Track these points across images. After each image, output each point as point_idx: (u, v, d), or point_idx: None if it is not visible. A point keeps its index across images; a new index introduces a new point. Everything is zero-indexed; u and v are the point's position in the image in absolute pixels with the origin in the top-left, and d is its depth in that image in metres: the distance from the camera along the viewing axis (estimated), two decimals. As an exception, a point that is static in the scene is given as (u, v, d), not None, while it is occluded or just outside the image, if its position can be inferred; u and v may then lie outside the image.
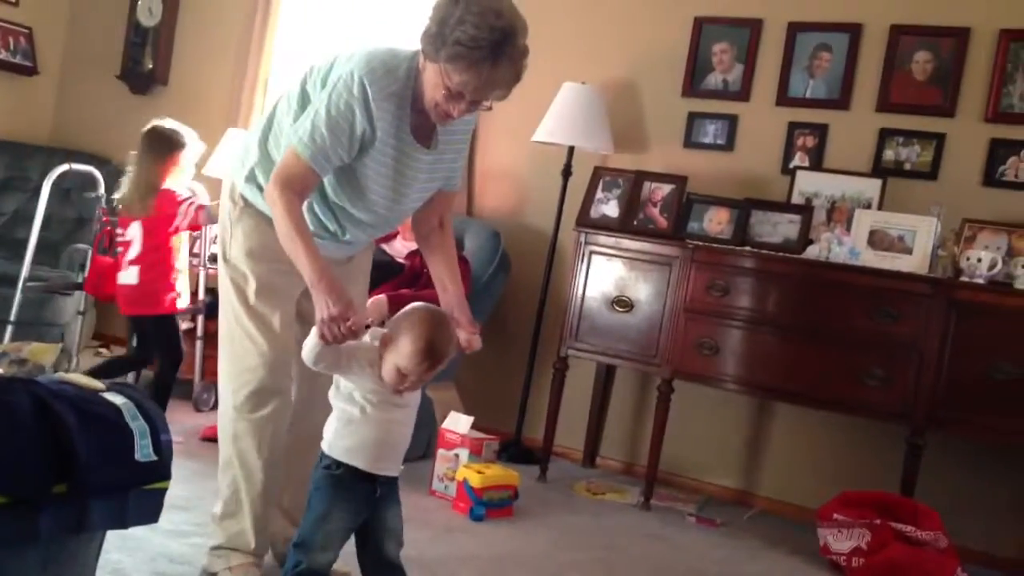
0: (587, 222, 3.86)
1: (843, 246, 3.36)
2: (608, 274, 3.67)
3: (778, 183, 3.85)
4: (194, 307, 3.97)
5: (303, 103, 2.14)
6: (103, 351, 5.00)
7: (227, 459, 2.30)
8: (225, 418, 2.31)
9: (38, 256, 4.11)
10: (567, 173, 4.06)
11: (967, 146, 3.59)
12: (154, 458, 1.60)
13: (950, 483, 3.43)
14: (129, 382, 3.36)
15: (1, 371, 1.81)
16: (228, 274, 2.29)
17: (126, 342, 4.12)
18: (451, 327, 2.01)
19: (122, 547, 2.36)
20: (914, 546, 3.00)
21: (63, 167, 4.10)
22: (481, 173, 4.45)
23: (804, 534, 3.36)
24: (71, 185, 4.73)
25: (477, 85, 1.99)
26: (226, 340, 2.31)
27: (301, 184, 2.06)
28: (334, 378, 2.00)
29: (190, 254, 3.87)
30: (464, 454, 3.31)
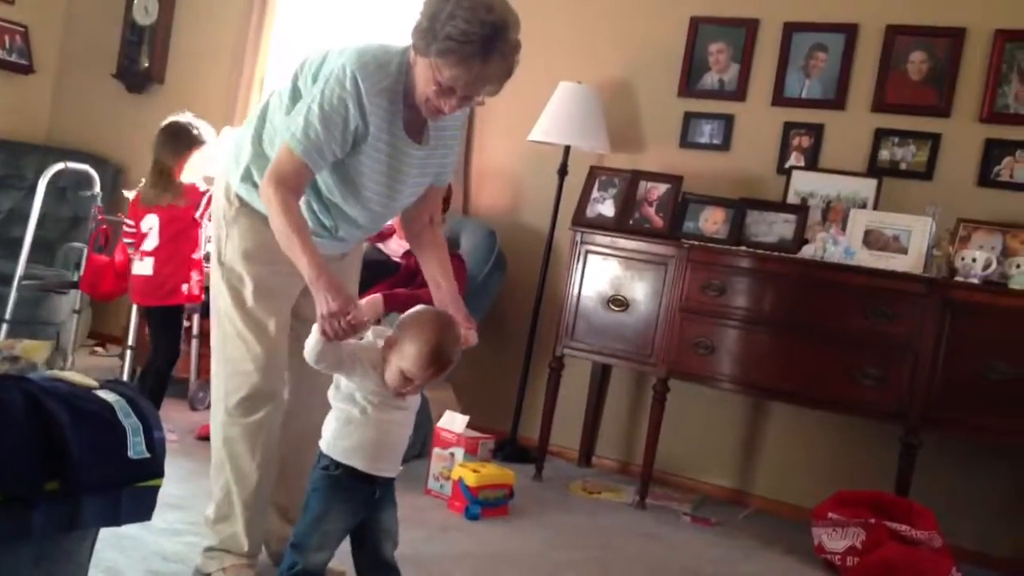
0: (583, 221, 3.87)
1: (838, 246, 3.37)
2: (604, 273, 3.68)
3: (774, 183, 3.85)
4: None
5: (295, 99, 2.13)
6: (99, 350, 5.00)
7: (219, 462, 2.28)
8: (217, 421, 2.28)
9: (33, 255, 4.11)
10: (563, 172, 4.06)
11: (962, 146, 3.59)
12: (147, 455, 1.60)
13: (945, 483, 3.44)
14: (123, 380, 3.36)
15: (-6, 369, 1.81)
16: (223, 276, 2.25)
17: (122, 341, 4.11)
18: (458, 331, 1.99)
19: (116, 545, 2.36)
20: (909, 545, 3.00)
21: (59, 166, 4.10)
22: (477, 172, 4.45)
23: (799, 533, 3.36)
24: (67, 184, 4.73)
25: (468, 80, 1.98)
26: (219, 343, 2.28)
27: (296, 181, 2.05)
28: (334, 378, 1.98)
29: None
30: (460, 453, 3.31)
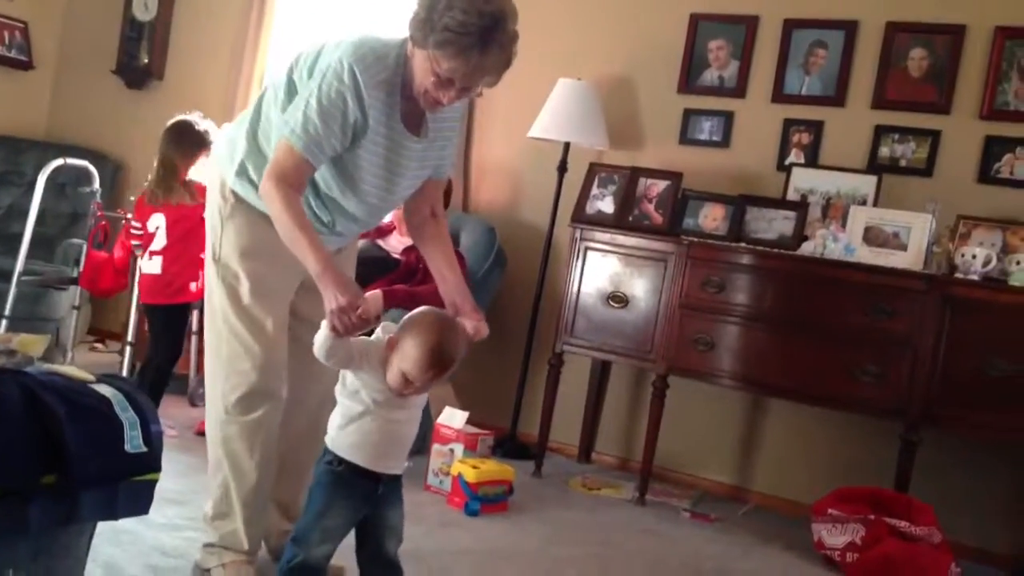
0: (582, 218, 3.86)
1: (838, 242, 3.37)
2: (603, 270, 3.67)
3: (773, 180, 3.85)
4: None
5: (290, 94, 2.11)
6: (98, 346, 5.00)
7: (217, 461, 2.26)
8: (215, 420, 2.25)
9: (33, 251, 4.11)
10: (563, 169, 4.05)
11: (962, 143, 3.59)
12: (144, 449, 1.59)
13: (944, 479, 3.44)
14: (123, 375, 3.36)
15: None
16: (219, 274, 2.23)
17: (121, 337, 4.11)
18: (460, 333, 1.98)
19: (115, 541, 2.36)
20: (908, 541, 3.01)
21: (58, 162, 4.10)
22: (477, 169, 4.44)
23: (798, 530, 3.36)
24: (66, 180, 4.73)
25: (466, 71, 1.97)
26: (214, 342, 2.25)
27: (296, 176, 2.03)
28: (341, 373, 1.98)
29: None
30: (459, 449, 3.31)
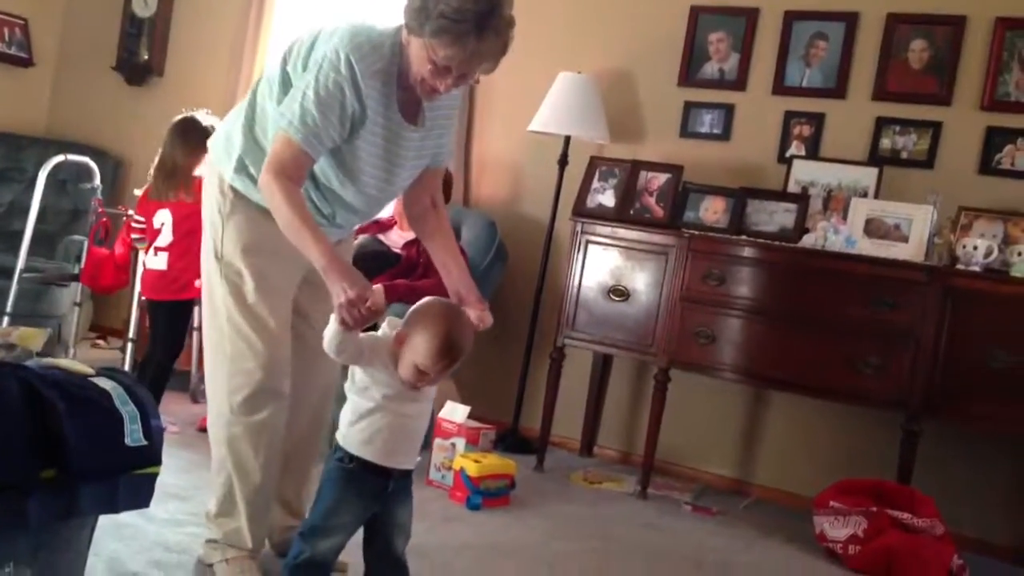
0: (583, 211, 3.86)
1: (839, 235, 3.36)
2: (604, 263, 3.67)
3: (774, 172, 3.84)
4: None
5: (285, 85, 2.10)
6: (100, 343, 5.01)
7: (220, 460, 2.24)
8: (219, 421, 2.22)
9: (34, 248, 4.12)
10: (563, 163, 4.05)
11: (963, 134, 3.58)
12: (144, 443, 1.59)
13: (946, 471, 3.44)
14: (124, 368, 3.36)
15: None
16: (221, 272, 2.19)
17: (123, 334, 4.11)
18: (468, 321, 1.98)
19: (118, 536, 2.36)
20: (910, 533, 3.01)
21: (58, 158, 4.10)
22: (477, 163, 4.44)
23: (800, 522, 3.36)
24: (67, 176, 4.73)
25: (463, 58, 1.96)
26: (216, 341, 2.22)
27: (296, 170, 2.02)
28: (350, 370, 1.97)
29: None
30: (461, 443, 3.31)
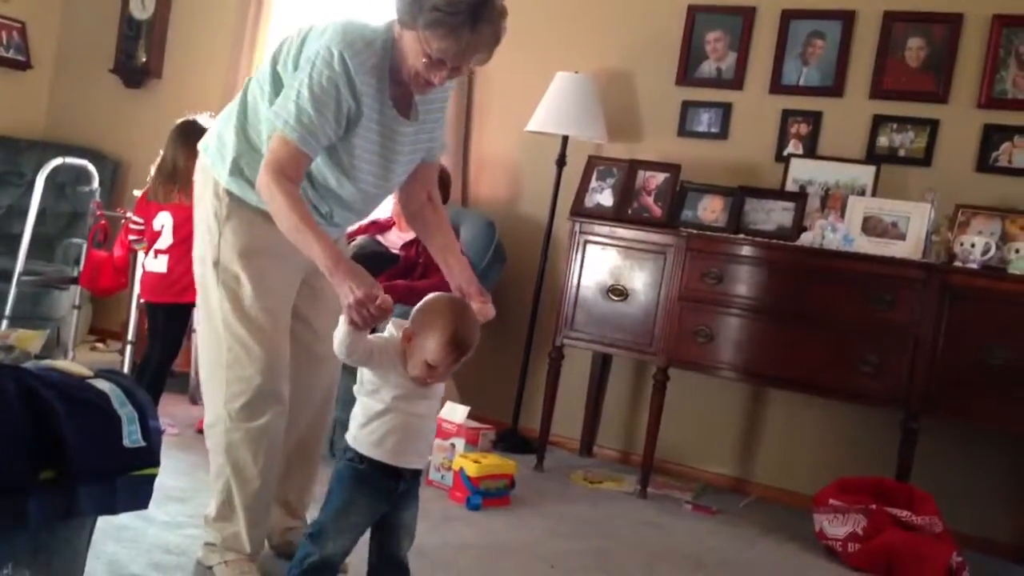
0: (581, 211, 3.86)
1: (837, 233, 3.36)
2: (603, 263, 3.67)
3: (772, 171, 3.85)
4: None
5: (276, 85, 2.09)
6: (99, 346, 5.01)
7: (219, 467, 2.22)
8: (217, 427, 2.20)
9: (33, 251, 4.12)
10: (561, 163, 4.05)
11: (960, 132, 3.59)
12: (142, 444, 1.59)
13: (946, 469, 3.44)
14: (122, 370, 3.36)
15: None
16: (218, 278, 2.17)
17: (122, 336, 4.11)
18: (474, 313, 1.99)
19: (118, 538, 2.37)
20: (909, 531, 3.01)
21: (57, 161, 4.10)
22: (475, 163, 4.44)
23: (800, 520, 3.36)
24: (65, 179, 4.74)
25: (458, 50, 1.96)
26: (212, 348, 2.19)
27: (295, 170, 2.00)
28: (358, 372, 1.96)
29: None
30: (460, 444, 3.32)
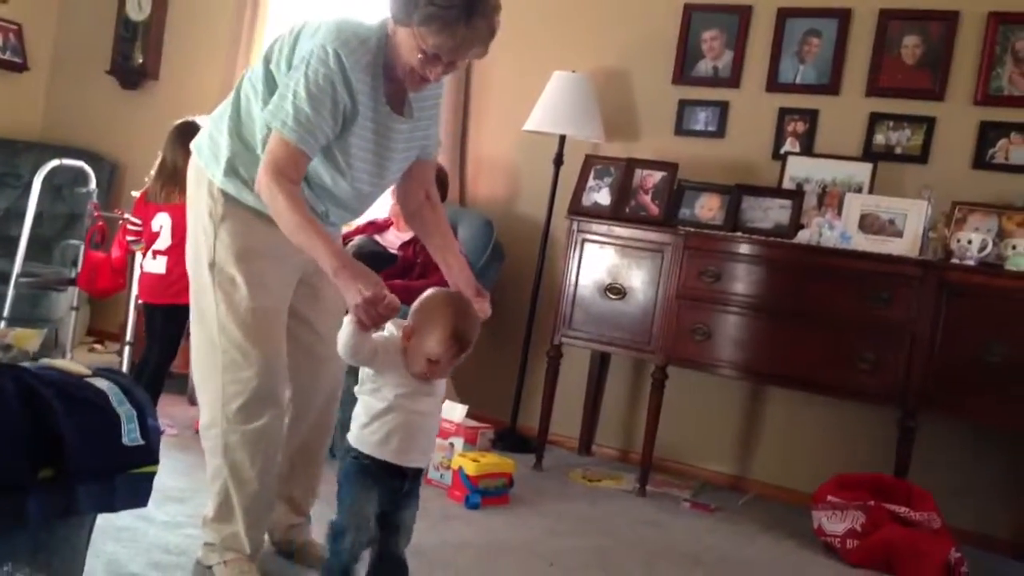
0: (579, 210, 3.87)
1: (834, 230, 3.37)
2: (601, 262, 3.68)
3: (769, 169, 3.85)
4: None
5: (269, 84, 2.08)
6: (97, 347, 5.01)
7: (216, 469, 2.21)
8: (213, 430, 2.18)
9: (30, 252, 4.11)
10: (559, 162, 4.06)
11: (957, 129, 3.59)
12: (141, 442, 1.60)
13: (944, 465, 3.45)
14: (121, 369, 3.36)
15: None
16: (213, 279, 2.15)
17: (120, 337, 4.11)
18: (473, 308, 1.99)
19: (118, 538, 2.37)
20: (908, 527, 3.02)
21: (54, 163, 4.10)
22: (473, 163, 4.45)
23: (799, 517, 3.36)
24: (62, 181, 4.73)
25: (453, 45, 1.95)
26: (207, 352, 2.18)
27: (295, 170, 2.00)
28: (360, 373, 1.96)
29: None
30: (459, 443, 3.32)
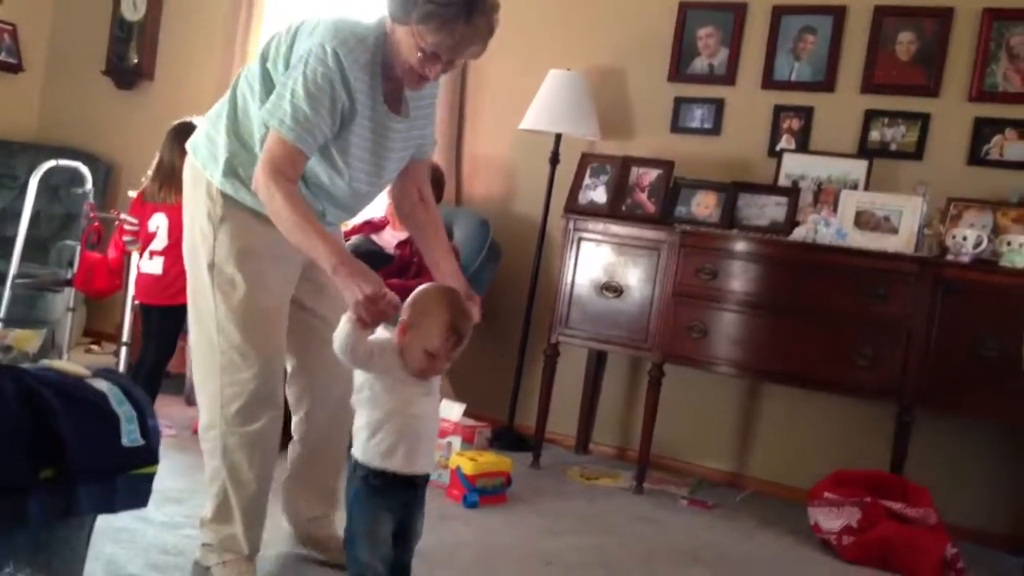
0: (575, 208, 3.87)
1: (830, 227, 3.37)
2: (597, 260, 3.68)
3: (765, 166, 3.86)
4: None
5: (266, 83, 2.08)
6: (94, 348, 5.01)
7: (215, 471, 2.22)
8: (212, 432, 2.19)
9: (26, 253, 4.10)
10: (555, 160, 4.06)
11: (952, 125, 3.60)
12: (141, 442, 1.60)
13: (940, 461, 3.46)
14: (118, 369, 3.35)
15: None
16: (212, 280, 2.14)
17: (116, 338, 4.11)
18: (463, 297, 2.00)
19: (116, 539, 2.37)
20: (904, 523, 3.03)
21: (50, 163, 4.09)
22: (469, 162, 4.45)
23: (796, 514, 3.37)
24: (59, 181, 4.73)
25: (452, 43, 1.95)
26: (205, 353, 2.18)
27: (293, 169, 2.00)
28: (355, 383, 1.95)
29: None
30: (457, 442, 3.32)
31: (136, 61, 5.22)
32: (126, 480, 1.59)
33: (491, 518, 3.06)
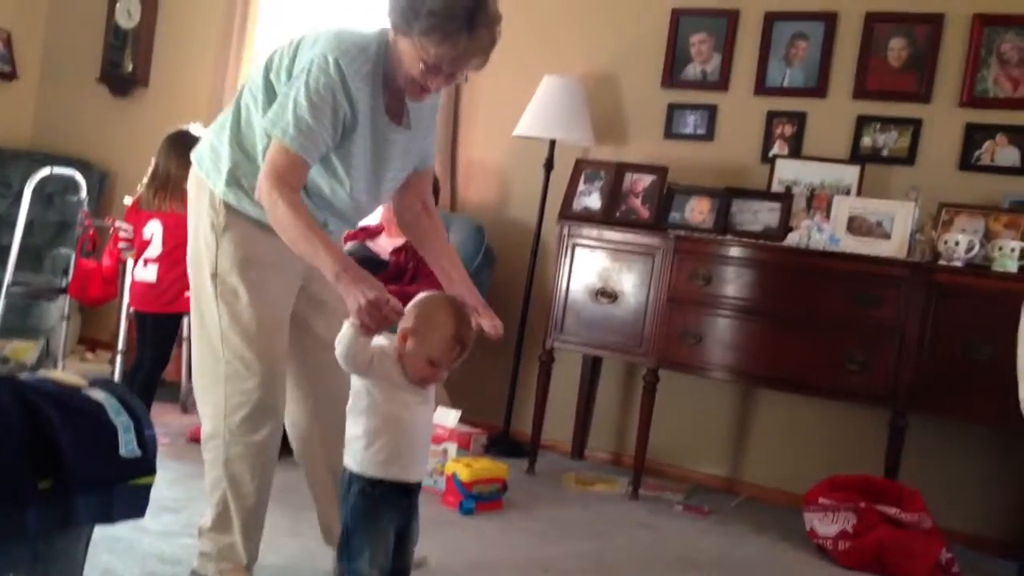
0: (570, 214, 3.88)
1: (823, 233, 3.39)
2: (592, 266, 3.69)
3: (758, 172, 3.87)
4: None
5: (268, 94, 2.09)
6: (89, 356, 5.00)
7: (216, 480, 2.21)
8: (215, 441, 2.19)
9: (21, 261, 4.11)
10: (549, 166, 4.07)
11: (943, 131, 3.62)
12: (138, 453, 1.60)
13: (934, 465, 3.47)
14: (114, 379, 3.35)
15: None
16: (215, 290, 2.14)
17: (111, 346, 4.11)
18: (467, 307, 2.00)
19: (113, 548, 2.37)
20: (899, 528, 3.04)
21: (44, 171, 4.10)
22: (464, 168, 4.46)
23: (791, 519, 3.38)
24: (53, 189, 4.73)
25: (455, 56, 1.95)
26: (208, 363, 2.18)
27: (296, 178, 2.00)
28: (352, 392, 1.94)
29: None
30: (452, 448, 3.33)
31: (131, 68, 5.22)
32: (124, 490, 1.60)
33: (487, 525, 3.06)
